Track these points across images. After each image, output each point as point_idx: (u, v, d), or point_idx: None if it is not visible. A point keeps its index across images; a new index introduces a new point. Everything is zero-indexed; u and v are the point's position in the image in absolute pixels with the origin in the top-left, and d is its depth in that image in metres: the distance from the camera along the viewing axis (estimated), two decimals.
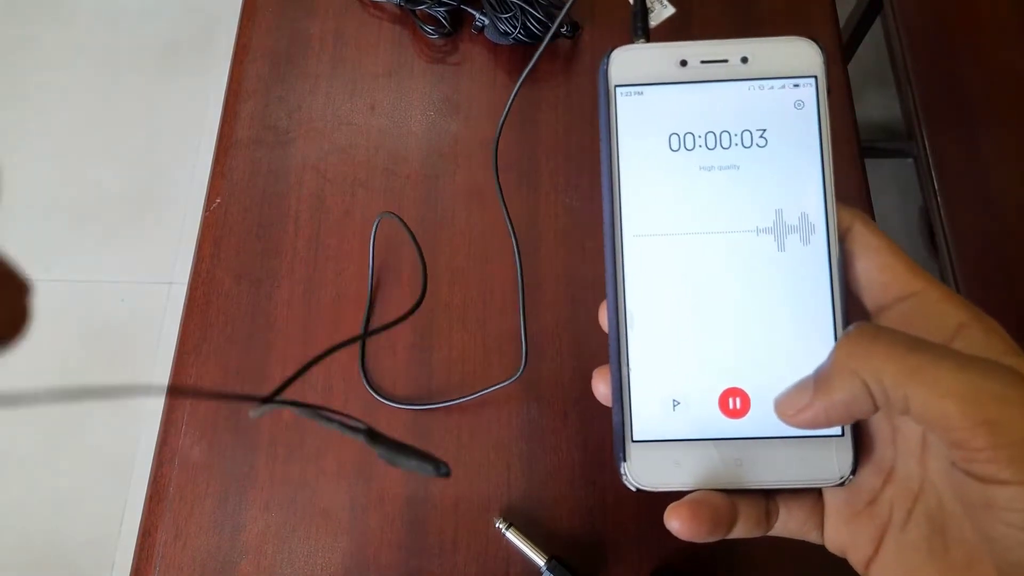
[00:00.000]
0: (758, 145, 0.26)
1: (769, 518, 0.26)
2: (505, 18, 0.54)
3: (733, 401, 0.26)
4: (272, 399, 0.22)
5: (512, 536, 0.43)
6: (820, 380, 0.23)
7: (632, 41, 0.29)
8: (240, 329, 0.50)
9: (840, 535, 0.26)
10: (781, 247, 0.26)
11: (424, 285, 0.34)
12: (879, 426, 0.25)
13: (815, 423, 0.23)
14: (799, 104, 0.26)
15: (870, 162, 0.56)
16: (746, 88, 0.27)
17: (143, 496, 0.46)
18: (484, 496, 0.45)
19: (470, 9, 0.57)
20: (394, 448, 0.23)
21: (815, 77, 0.27)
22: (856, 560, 0.25)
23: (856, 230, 0.26)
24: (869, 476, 0.25)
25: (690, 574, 0.43)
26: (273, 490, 0.46)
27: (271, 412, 0.47)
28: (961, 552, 0.22)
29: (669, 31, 0.58)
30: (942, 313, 0.23)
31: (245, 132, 0.55)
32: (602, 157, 0.27)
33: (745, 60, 0.27)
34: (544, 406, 0.47)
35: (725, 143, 0.26)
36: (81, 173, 1.40)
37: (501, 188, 0.49)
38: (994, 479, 0.19)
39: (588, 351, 0.48)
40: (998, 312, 0.24)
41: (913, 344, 0.21)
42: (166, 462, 0.46)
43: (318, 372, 0.48)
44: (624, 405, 0.26)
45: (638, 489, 0.26)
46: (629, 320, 0.26)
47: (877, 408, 0.22)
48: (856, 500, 0.25)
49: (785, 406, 0.24)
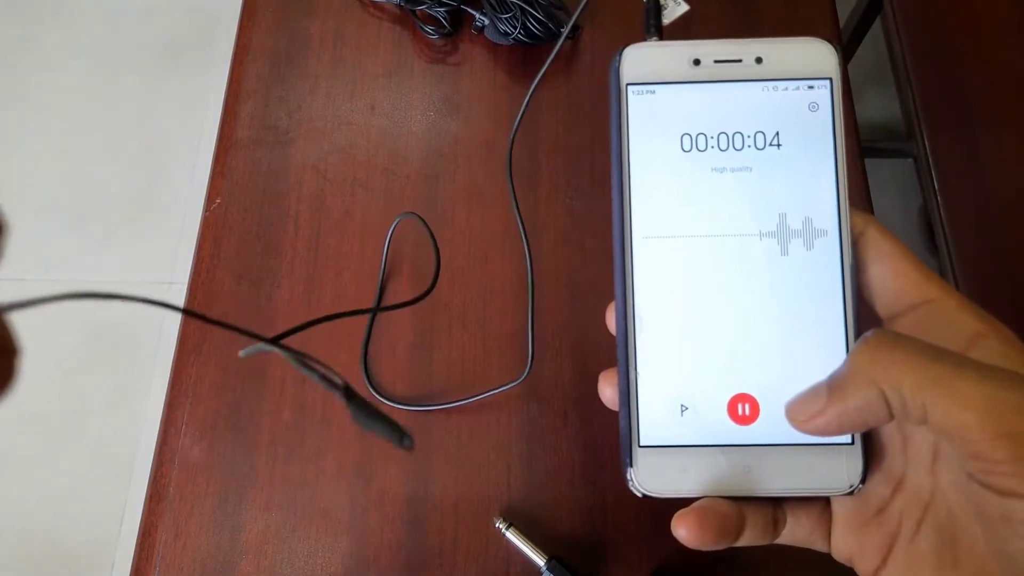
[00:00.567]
0: (772, 147, 0.26)
1: (776, 526, 0.26)
2: (505, 18, 0.54)
3: (742, 407, 0.25)
4: (267, 339, 0.22)
5: (512, 536, 0.43)
6: (835, 386, 0.22)
7: (645, 39, 0.29)
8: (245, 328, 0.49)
9: (848, 544, 0.25)
10: (793, 251, 0.26)
11: (436, 271, 0.33)
12: (890, 435, 0.25)
13: (827, 430, 0.23)
14: (813, 106, 0.26)
15: (870, 162, 0.56)
16: (760, 89, 0.26)
17: (143, 496, 0.46)
18: (484, 496, 0.45)
19: (470, 9, 0.57)
20: (366, 411, 0.23)
21: (830, 79, 0.26)
22: (863, 570, 0.25)
23: (869, 235, 0.25)
24: (878, 485, 0.25)
25: (690, 575, 0.43)
26: (273, 490, 0.46)
27: (271, 412, 0.47)
28: (971, 565, 0.22)
29: (668, 29, 0.58)
30: (958, 322, 0.23)
31: (245, 132, 0.55)
32: (612, 156, 0.26)
33: (759, 60, 0.26)
34: (544, 406, 0.47)
35: (738, 144, 0.26)
36: (81, 173, 1.40)
37: (515, 190, 0.49)
38: (1013, 492, 0.19)
39: (588, 351, 0.48)
40: (998, 312, 0.23)
41: (933, 353, 0.21)
42: (166, 462, 0.46)
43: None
44: (631, 410, 0.26)
45: (644, 495, 0.25)
46: (638, 323, 0.26)
47: (892, 417, 0.21)
48: (865, 509, 0.25)
49: (797, 411, 0.24)
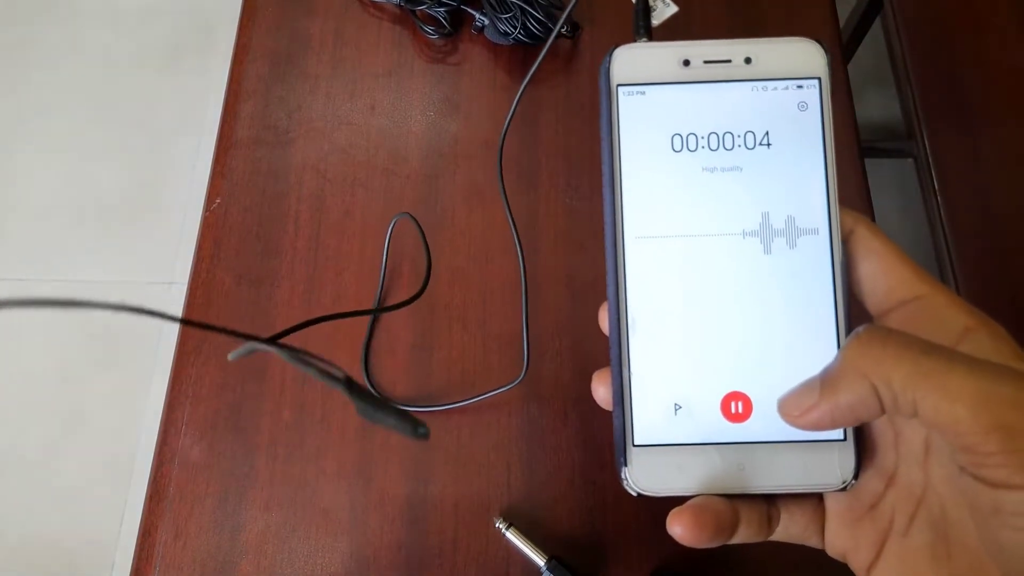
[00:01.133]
0: (761, 147, 0.26)
1: (771, 523, 0.26)
2: (505, 18, 0.54)
3: (735, 405, 0.26)
4: (261, 339, 0.22)
5: (512, 536, 0.43)
6: (827, 381, 0.23)
7: (634, 40, 0.29)
8: (239, 329, 0.49)
9: (841, 540, 0.25)
10: (784, 250, 0.26)
11: (427, 272, 0.33)
12: (881, 430, 0.25)
13: (819, 424, 0.23)
14: (802, 105, 0.26)
15: (870, 162, 0.56)
16: (749, 89, 0.26)
17: (143, 496, 0.46)
18: (484, 496, 0.45)
19: (470, 9, 0.57)
20: (372, 403, 0.22)
21: (819, 79, 0.26)
22: (857, 565, 0.25)
23: (859, 233, 0.26)
24: (871, 481, 0.25)
25: (690, 574, 0.43)
26: (273, 490, 0.46)
27: (271, 412, 0.47)
28: (964, 558, 0.22)
29: (668, 28, 0.58)
30: (948, 317, 0.23)
31: (245, 132, 0.55)
32: (603, 157, 0.27)
33: (749, 60, 0.26)
34: (544, 406, 0.47)
35: (728, 144, 0.26)
36: (81, 173, 1.40)
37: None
38: (1004, 484, 0.19)
39: (588, 351, 0.48)
40: (998, 312, 0.23)
41: (924, 347, 0.21)
42: (166, 462, 0.46)
43: None
44: (625, 409, 0.26)
45: (639, 494, 0.26)
46: (630, 323, 0.26)
47: (884, 411, 0.22)
48: (858, 505, 0.25)
49: (790, 406, 0.24)
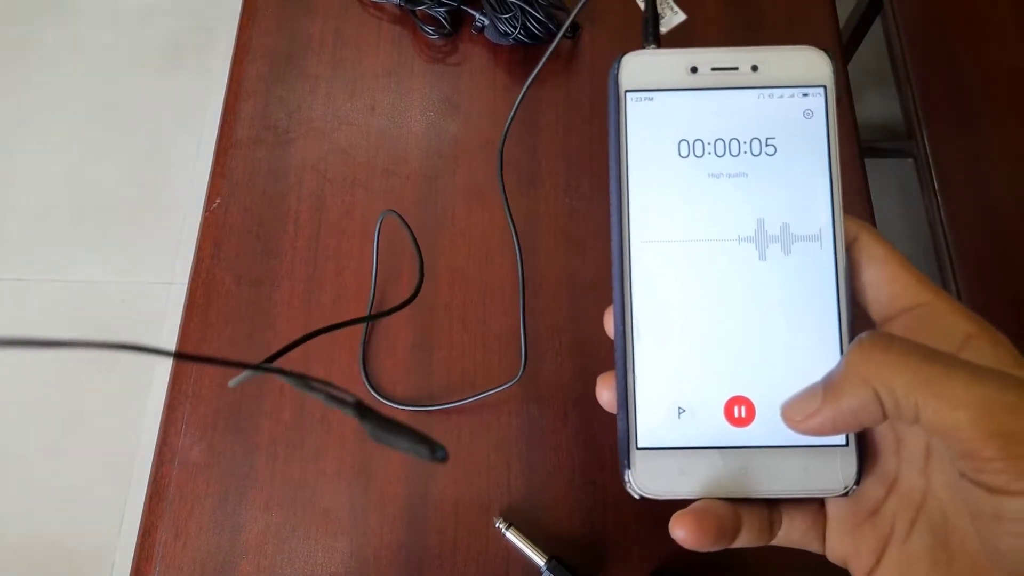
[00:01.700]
0: (767, 153, 0.26)
1: (772, 527, 0.26)
2: (505, 18, 0.54)
3: (738, 409, 0.26)
4: (257, 367, 0.21)
5: (512, 536, 0.43)
6: (830, 387, 0.23)
7: (643, 46, 0.29)
8: (240, 329, 0.50)
9: (842, 545, 0.25)
10: (787, 256, 0.26)
11: (420, 274, 0.33)
12: (883, 436, 0.25)
13: (822, 430, 0.23)
14: (808, 113, 0.27)
15: (870, 162, 0.56)
16: (756, 96, 0.27)
17: (143, 496, 0.46)
18: (484, 496, 0.45)
19: (470, 9, 0.57)
20: (385, 426, 0.21)
21: (824, 87, 0.27)
22: (857, 571, 0.25)
23: (862, 240, 0.26)
24: (872, 486, 0.25)
25: (690, 574, 0.43)
26: (273, 490, 0.46)
27: (271, 412, 0.47)
28: (965, 564, 0.22)
29: (676, 35, 0.58)
30: (950, 324, 0.23)
31: (245, 132, 0.55)
32: (611, 162, 0.27)
33: (755, 68, 0.27)
34: (544, 406, 0.47)
35: (734, 151, 0.26)
36: (81, 173, 1.40)
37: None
38: (1004, 490, 0.19)
39: (588, 351, 0.48)
40: (998, 312, 0.24)
41: (926, 354, 0.21)
42: (166, 462, 0.46)
43: (318, 370, 0.48)
44: (629, 412, 0.26)
45: (642, 497, 0.26)
46: (635, 327, 0.26)
47: (886, 417, 0.22)
48: (859, 510, 0.25)
49: (792, 411, 0.24)
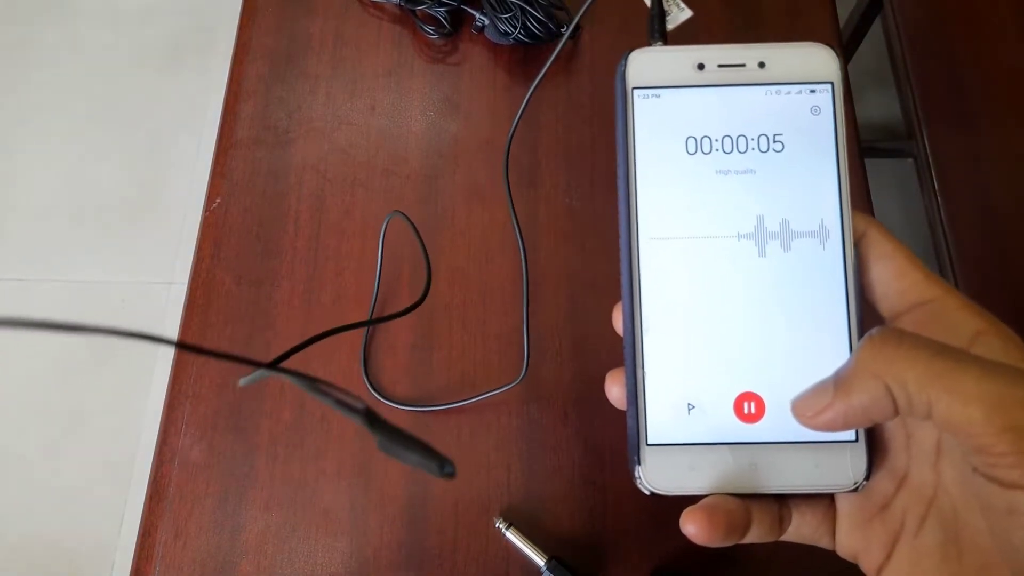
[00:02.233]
0: (774, 150, 0.26)
1: (782, 523, 0.26)
2: (505, 18, 0.54)
3: (748, 405, 0.26)
4: (270, 366, 0.21)
5: (512, 536, 0.43)
6: (841, 382, 0.23)
7: (649, 43, 0.29)
8: (240, 329, 0.50)
9: (852, 541, 0.25)
10: (796, 252, 0.26)
11: (428, 280, 0.34)
12: (893, 432, 0.25)
13: (832, 425, 0.23)
14: (815, 110, 0.27)
15: (870, 162, 0.56)
16: (763, 93, 0.27)
17: (143, 496, 0.46)
18: (484, 496, 0.45)
19: (470, 9, 0.57)
20: (395, 437, 0.21)
21: (831, 83, 0.27)
22: (868, 566, 0.25)
23: (871, 236, 0.26)
24: (882, 482, 0.25)
25: (690, 574, 0.43)
26: (273, 490, 0.46)
27: (271, 412, 0.47)
28: (975, 559, 0.22)
29: (678, 32, 0.58)
30: (959, 321, 0.23)
31: (245, 132, 0.55)
32: (618, 159, 0.27)
33: (762, 65, 0.27)
34: (544, 406, 0.47)
35: (742, 147, 0.26)
36: (81, 173, 1.40)
37: (515, 190, 0.48)
38: (1018, 484, 0.20)
39: (589, 351, 0.48)
40: (998, 312, 0.24)
41: (937, 349, 0.21)
42: (166, 462, 0.46)
43: (318, 370, 0.48)
44: (639, 409, 0.26)
45: (652, 493, 0.26)
46: (645, 323, 0.26)
47: (897, 412, 0.22)
48: (869, 506, 0.25)
49: (803, 407, 0.24)
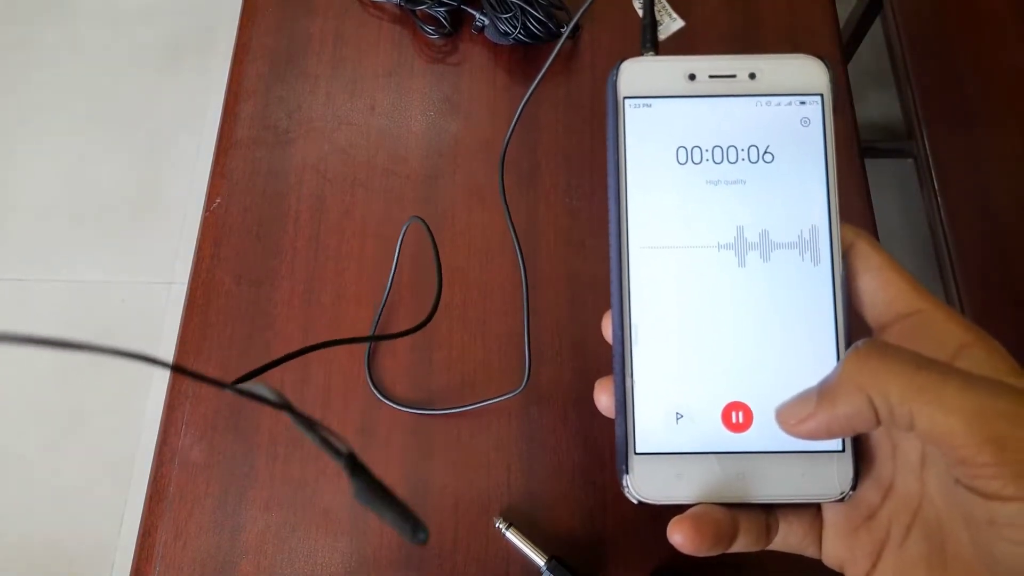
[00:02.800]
0: (764, 161, 0.27)
1: (769, 532, 0.26)
2: (505, 18, 0.54)
3: (736, 415, 0.26)
4: (247, 392, 0.21)
5: (512, 536, 0.43)
6: (825, 392, 0.23)
7: (641, 53, 0.29)
8: (240, 329, 0.50)
9: (838, 550, 0.26)
10: (785, 263, 0.26)
11: (437, 297, 0.33)
12: (879, 442, 0.25)
13: (815, 434, 0.23)
14: (805, 121, 0.27)
15: (870, 162, 0.56)
16: (753, 104, 0.27)
17: (143, 496, 0.46)
18: (484, 496, 0.45)
19: (470, 9, 0.57)
20: (375, 491, 0.20)
21: (821, 95, 0.27)
22: (854, 575, 0.25)
23: (859, 247, 0.26)
24: (868, 492, 0.25)
25: (690, 574, 0.43)
26: (273, 490, 0.46)
27: (271, 412, 0.47)
28: (959, 570, 0.22)
29: (674, 41, 0.58)
30: (945, 332, 0.24)
31: (245, 132, 0.55)
32: (609, 168, 0.27)
33: (753, 76, 0.27)
34: (544, 406, 0.47)
35: (732, 158, 0.27)
36: (81, 173, 1.40)
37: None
38: (998, 495, 0.20)
39: (589, 351, 0.48)
40: (998, 312, 0.24)
41: (920, 362, 0.21)
42: (166, 462, 0.46)
43: (318, 370, 0.48)
44: (627, 417, 0.26)
45: (640, 502, 0.26)
46: (634, 332, 0.26)
47: (879, 423, 0.22)
48: (855, 516, 0.25)
49: (787, 415, 0.24)
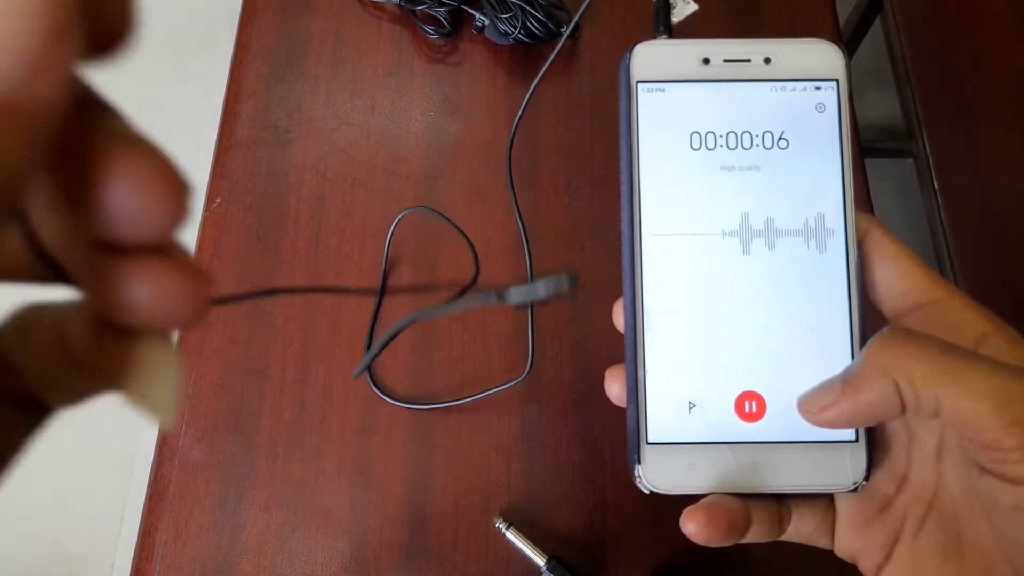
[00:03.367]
0: (779, 147, 0.26)
1: (781, 523, 0.26)
2: (505, 18, 0.54)
3: (749, 404, 0.26)
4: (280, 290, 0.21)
5: (512, 536, 0.43)
6: (849, 379, 0.23)
7: (654, 37, 0.29)
8: (240, 329, 0.49)
9: (851, 541, 0.25)
10: (797, 250, 0.26)
11: (476, 267, 0.33)
12: (895, 432, 0.25)
13: (838, 422, 0.23)
14: (820, 107, 0.26)
15: (870, 162, 0.56)
16: (768, 89, 0.26)
17: (143, 496, 0.46)
18: (484, 496, 0.45)
19: (470, 9, 0.57)
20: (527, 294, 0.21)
21: (837, 80, 0.26)
22: (867, 567, 0.25)
23: (873, 236, 0.26)
24: (882, 482, 0.25)
25: (690, 574, 0.43)
26: (273, 490, 0.46)
27: (271, 412, 0.47)
28: (976, 559, 0.22)
29: (676, 28, 0.58)
30: (964, 321, 0.23)
31: (245, 132, 0.55)
32: (621, 153, 0.27)
33: (768, 61, 0.26)
34: (544, 406, 0.47)
35: (746, 143, 0.26)
36: None
37: (515, 191, 0.49)
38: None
39: (589, 351, 0.48)
40: (999, 312, 0.24)
41: (945, 347, 0.21)
42: (166, 462, 0.46)
43: (318, 370, 0.48)
44: (639, 407, 0.26)
45: (652, 492, 0.26)
46: (646, 320, 0.26)
47: (904, 411, 0.22)
48: (868, 506, 0.25)
49: (810, 403, 0.24)
